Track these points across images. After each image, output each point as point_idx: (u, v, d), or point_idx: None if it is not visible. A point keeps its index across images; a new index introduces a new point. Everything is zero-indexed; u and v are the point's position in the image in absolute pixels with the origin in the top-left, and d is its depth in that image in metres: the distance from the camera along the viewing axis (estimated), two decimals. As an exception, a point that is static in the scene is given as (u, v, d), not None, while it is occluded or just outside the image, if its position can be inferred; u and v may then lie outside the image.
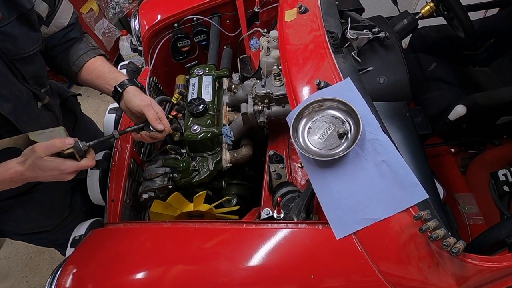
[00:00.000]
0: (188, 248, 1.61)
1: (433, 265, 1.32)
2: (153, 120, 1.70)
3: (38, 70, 1.75)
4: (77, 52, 1.91)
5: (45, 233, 2.21)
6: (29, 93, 1.70)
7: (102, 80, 1.87)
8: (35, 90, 1.74)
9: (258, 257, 1.47)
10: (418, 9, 2.52)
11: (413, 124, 1.81)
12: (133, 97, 1.75)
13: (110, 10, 4.90)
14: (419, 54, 3.13)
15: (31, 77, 1.70)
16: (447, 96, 2.77)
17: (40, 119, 1.78)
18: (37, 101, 1.78)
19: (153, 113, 1.71)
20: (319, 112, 1.54)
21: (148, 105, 1.72)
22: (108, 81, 1.85)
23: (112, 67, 1.94)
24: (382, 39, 1.87)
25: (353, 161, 1.44)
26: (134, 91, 1.79)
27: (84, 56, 1.90)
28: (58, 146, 1.43)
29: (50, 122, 1.86)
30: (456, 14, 2.28)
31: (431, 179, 1.66)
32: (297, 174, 2.05)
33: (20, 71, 1.63)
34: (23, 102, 1.66)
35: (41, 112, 1.80)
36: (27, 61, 1.65)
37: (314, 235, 1.49)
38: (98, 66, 1.91)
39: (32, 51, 1.64)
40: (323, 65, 1.72)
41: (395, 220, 1.34)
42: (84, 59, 1.90)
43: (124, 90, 1.79)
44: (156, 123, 1.71)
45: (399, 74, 1.89)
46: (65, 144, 1.44)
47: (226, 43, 3.04)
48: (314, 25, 1.95)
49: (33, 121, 1.72)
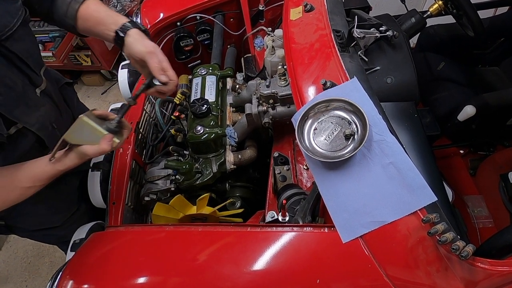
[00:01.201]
0: (191, 252, 1.61)
1: (442, 269, 1.32)
2: (155, 70, 1.58)
3: (31, 46, 1.70)
4: (64, 1, 1.78)
5: (53, 229, 2.21)
6: (24, 80, 1.66)
7: (102, 26, 1.73)
8: (31, 74, 1.69)
9: (262, 261, 1.47)
10: (426, 7, 2.52)
11: (421, 125, 1.81)
12: (134, 42, 1.63)
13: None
14: (427, 53, 3.13)
15: (28, 56, 1.65)
16: (456, 96, 2.77)
17: (40, 107, 1.76)
18: (35, 88, 1.75)
19: (156, 62, 1.59)
20: (325, 112, 1.54)
21: (151, 52, 1.60)
22: (108, 26, 1.69)
23: (108, 9, 1.78)
24: (389, 38, 1.87)
25: (360, 163, 1.44)
26: (136, 35, 1.65)
27: (72, 4, 1.77)
28: (107, 150, 1.53)
29: (50, 109, 1.84)
30: (465, 12, 2.27)
31: (439, 181, 1.66)
32: (302, 176, 2.05)
33: (15, 53, 1.57)
34: (18, 92, 1.61)
35: (40, 100, 1.77)
36: (16, 38, 1.57)
37: (320, 239, 1.49)
38: (92, 11, 1.77)
39: (15, 24, 1.55)
40: (329, 65, 1.72)
41: (402, 223, 1.34)
42: (73, 7, 1.77)
43: (125, 34, 1.64)
44: (159, 74, 1.59)
45: (407, 73, 1.89)
46: (111, 144, 1.53)
47: (230, 42, 3.05)
48: (320, 24, 1.95)
49: (31, 110, 1.70)
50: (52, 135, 1.83)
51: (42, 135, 1.78)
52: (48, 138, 1.81)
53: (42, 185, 1.61)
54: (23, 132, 1.69)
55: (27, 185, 1.57)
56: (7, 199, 1.59)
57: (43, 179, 1.59)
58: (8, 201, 1.59)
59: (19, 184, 1.56)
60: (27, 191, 1.59)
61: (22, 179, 1.56)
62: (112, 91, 5.47)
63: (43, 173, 1.57)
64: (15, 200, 1.60)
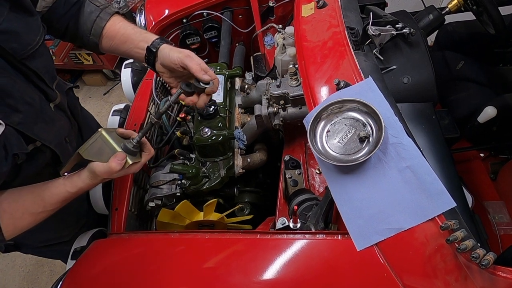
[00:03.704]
0: (197, 260, 1.62)
1: (461, 278, 1.32)
2: (197, 71, 1.61)
3: (48, 62, 1.73)
4: (88, 18, 1.83)
5: (61, 244, 2.22)
6: (41, 96, 1.67)
7: (130, 44, 1.80)
8: (47, 90, 1.71)
9: (273, 270, 1.47)
10: (444, 4, 2.52)
11: (440, 127, 1.81)
12: (170, 51, 1.68)
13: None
14: (445, 51, 3.12)
15: (45, 72, 1.67)
16: (476, 97, 2.76)
17: (55, 123, 1.77)
18: (50, 103, 1.76)
19: (196, 63, 1.62)
20: (338, 114, 1.54)
21: (188, 55, 1.64)
22: (137, 43, 1.78)
23: (135, 27, 1.86)
24: (406, 36, 1.87)
25: (375, 167, 1.44)
26: (168, 47, 1.71)
27: (98, 22, 1.83)
28: (116, 169, 1.55)
29: (65, 124, 1.86)
30: (485, 8, 2.27)
31: (458, 186, 1.66)
32: (314, 180, 2.05)
33: (33, 70, 1.59)
34: (36, 108, 1.62)
35: (55, 115, 1.78)
36: (36, 55, 1.60)
37: (333, 246, 1.49)
38: (119, 29, 1.83)
39: (38, 42, 1.59)
40: (343, 64, 1.73)
41: (420, 230, 1.34)
42: (99, 25, 1.83)
43: (157, 50, 1.71)
44: (201, 74, 1.61)
45: (425, 73, 1.89)
46: (121, 164, 1.56)
47: (239, 40, 3.05)
48: (333, 21, 1.95)
49: (49, 127, 1.71)
50: (66, 150, 1.85)
51: (58, 151, 1.79)
52: (63, 153, 1.82)
53: (54, 209, 1.64)
54: (41, 150, 1.70)
55: (38, 211, 1.60)
56: (17, 226, 1.60)
57: (52, 203, 1.61)
58: (19, 227, 1.61)
59: (30, 209, 1.58)
60: (37, 216, 1.62)
61: (33, 204, 1.58)
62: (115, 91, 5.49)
63: (52, 197, 1.60)
64: (26, 226, 1.62)
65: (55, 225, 2.09)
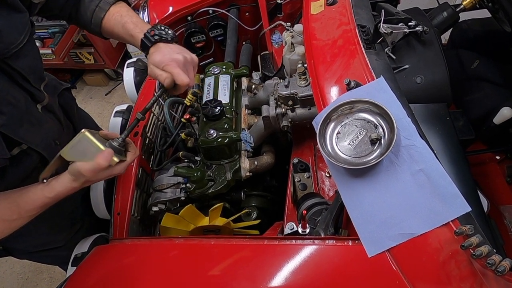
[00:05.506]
0: (203, 267, 1.61)
1: (476, 285, 1.31)
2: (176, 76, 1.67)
3: (34, 62, 1.73)
4: (88, 8, 1.86)
5: (56, 249, 2.23)
6: (26, 97, 1.68)
7: (129, 40, 1.85)
8: (33, 90, 1.72)
9: (281, 277, 1.46)
10: (459, 1, 2.51)
11: (454, 129, 1.81)
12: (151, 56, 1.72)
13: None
14: (460, 50, 3.11)
15: (31, 73, 1.67)
16: (492, 97, 2.75)
17: (43, 124, 1.78)
18: (36, 104, 1.76)
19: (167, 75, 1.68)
20: (349, 115, 1.54)
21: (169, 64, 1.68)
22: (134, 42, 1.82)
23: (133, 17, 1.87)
24: (419, 34, 1.87)
25: (387, 170, 1.44)
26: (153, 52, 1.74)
27: (97, 12, 1.85)
28: (104, 166, 1.52)
29: (53, 125, 1.87)
30: (501, 6, 2.26)
31: (474, 190, 1.66)
32: (324, 184, 2.05)
33: (17, 70, 1.59)
34: (21, 109, 1.63)
35: (42, 116, 1.79)
36: (20, 54, 1.60)
37: (344, 252, 1.48)
38: (116, 21, 1.86)
39: (22, 41, 1.58)
40: (354, 63, 1.73)
41: (433, 235, 1.34)
42: (98, 15, 1.86)
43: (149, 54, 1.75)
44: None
45: (438, 72, 1.89)
46: (108, 160, 1.53)
47: (245, 39, 3.05)
48: (343, 18, 1.95)
49: (35, 129, 1.72)
50: (55, 153, 1.81)
51: (46, 154, 1.80)
52: (51, 156, 1.78)
53: (31, 216, 1.63)
54: (28, 153, 1.72)
55: (12, 218, 1.58)
56: None
57: (28, 210, 1.59)
58: None
59: (4, 216, 1.57)
60: (11, 224, 1.60)
61: (6, 210, 1.56)
62: (117, 91, 5.50)
63: (28, 203, 1.58)
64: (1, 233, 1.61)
65: (48, 230, 2.11)
